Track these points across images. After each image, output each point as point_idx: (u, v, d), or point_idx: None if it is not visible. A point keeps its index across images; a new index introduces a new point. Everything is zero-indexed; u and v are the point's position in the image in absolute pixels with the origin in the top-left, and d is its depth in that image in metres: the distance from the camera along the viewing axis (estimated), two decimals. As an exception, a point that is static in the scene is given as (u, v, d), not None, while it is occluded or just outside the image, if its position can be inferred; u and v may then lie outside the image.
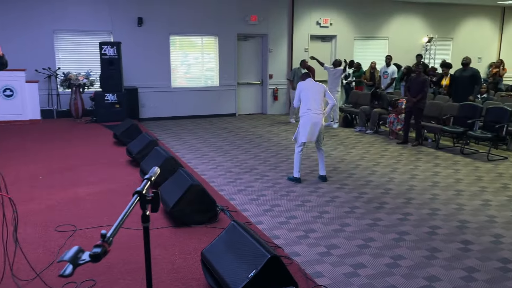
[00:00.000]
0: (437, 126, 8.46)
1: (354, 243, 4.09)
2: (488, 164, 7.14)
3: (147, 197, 1.64)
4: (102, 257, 1.30)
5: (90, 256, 1.29)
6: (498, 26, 15.27)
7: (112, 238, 1.38)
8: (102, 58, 9.94)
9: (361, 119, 10.14)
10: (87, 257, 1.28)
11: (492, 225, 4.58)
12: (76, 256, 1.22)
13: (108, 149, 7.56)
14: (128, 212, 1.51)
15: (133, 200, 1.58)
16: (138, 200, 1.61)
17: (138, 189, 1.64)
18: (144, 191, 1.64)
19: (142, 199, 1.61)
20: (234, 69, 12.01)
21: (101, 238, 1.38)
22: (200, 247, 3.76)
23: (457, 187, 5.88)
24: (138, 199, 1.60)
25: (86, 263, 1.33)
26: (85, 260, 1.28)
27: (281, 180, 6.11)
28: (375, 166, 6.93)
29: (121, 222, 1.45)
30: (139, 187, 1.66)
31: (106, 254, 1.32)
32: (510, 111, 7.54)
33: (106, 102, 10.02)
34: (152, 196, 1.65)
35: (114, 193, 5.25)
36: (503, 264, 3.71)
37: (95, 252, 1.30)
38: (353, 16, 13.06)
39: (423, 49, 14.02)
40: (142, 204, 1.62)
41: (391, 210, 5.00)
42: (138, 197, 1.60)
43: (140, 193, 1.61)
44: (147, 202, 1.64)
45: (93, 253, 1.30)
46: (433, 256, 3.85)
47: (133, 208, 1.57)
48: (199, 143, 8.54)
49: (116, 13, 10.63)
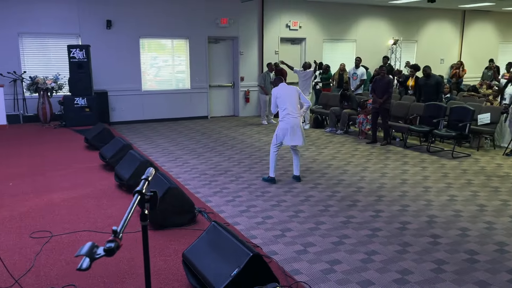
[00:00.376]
0: (404, 126, 8.75)
1: (329, 241, 4.21)
2: (453, 161, 7.46)
3: (146, 196, 1.68)
4: (116, 251, 1.35)
5: (105, 251, 1.34)
6: (459, 29, 15.91)
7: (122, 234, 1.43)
8: (70, 61, 9.76)
9: (331, 120, 10.36)
10: (102, 251, 1.33)
11: (458, 219, 4.81)
12: (92, 251, 1.27)
13: (80, 154, 7.45)
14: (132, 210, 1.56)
15: (135, 199, 1.63)
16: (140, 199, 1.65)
17: (138, 188, 1.69)
18: (144, 190, 1.69)
19: (141, 198, 1.66)
20: (206, 72, 12.03)
21: (113, 234, 1.43)
22: (180, 248, 3.80)
23: (425, 184, 6.13)
24: (139, 198, 1.65)
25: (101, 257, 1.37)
26: (100, 254, 1.32)
27: (256, 181, 6.20)
28: (346, 166, 7.12)
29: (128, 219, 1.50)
30: (138, 187, 1.70)
31: (118, 248, 1.38)
32: (472, 110, 7.89)
33: (76, 106, 9.85)
34: (151, 195, 1.70)
35: (89, 198, 5.20)
36: (469, 256, 3.91)
37: (109, 246, 1.35)
38: (322, 19, 13.33)
39: (389, 51, 14.44)
40: (141, 203, 1.67)
41: (364, 207, 5.17)
42: (139, 196, 1.65)
43: (140, 193, 1.66)
44: (146, 201, 1.68)
45: (108, 248, 1.35)
46: (404, 250, 4.02)
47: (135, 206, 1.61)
48: (172, 146, 8.53)
49: (84, 15, 10.47)
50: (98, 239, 4.03)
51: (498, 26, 16.60)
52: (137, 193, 1.65)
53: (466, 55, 16.04)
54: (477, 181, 6.30)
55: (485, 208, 5.17)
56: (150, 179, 1.74)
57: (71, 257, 3.66)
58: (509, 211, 5.07)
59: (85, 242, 3.94)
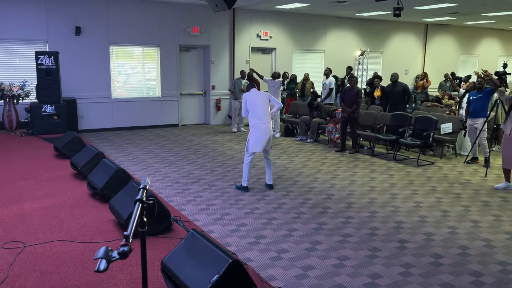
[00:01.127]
0: (372, 135, 9.05)
1: (302, 247, 4.34)
2: (418, 169, 7.77)
3: (146, 204, 1.75)
4: (129, 255, 1.42)
5: (119, 254, 1.41)
6: (422, 41, 16.57)
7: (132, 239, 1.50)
8: (38, 68, 9.58)
9: (301, 129, 10.58)
10: (116, 255, 1.39)
11: (423, 224, 5.04)
12: (108, 254, 1.33)
13: (49, 163, 7.31)
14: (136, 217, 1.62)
15: (137, 207, 1.69)
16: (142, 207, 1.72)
17: (139, 197, 1.75)
18: (144, 198, 1.75)
19: (141, 206, 1.72)
20: (177, 80, 12.04)
21: (124, 239, 1.50)
22: (157, 256, 3.83)
23: (392, 191, 6.37)
24: (141, 205, 1.71)
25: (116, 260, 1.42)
26: (115, 257, 1.39)
27: (230, 189, 6.27)
28: (317, 173, 7.30)
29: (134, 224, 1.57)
30: (138, 196, 1.76)
31: (131, 251, 1.45)
32: (436, 120, 8.26)
33: (44, 114, 9.65)
34: (150, 203, 1.76)
35: (61, 207, 5.13)
36: (435, 259, 4.12)
37: (123, 250, 1.42)
38: (292, 30, 13.60)
39: (357, 61, 14.87)
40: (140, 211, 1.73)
41: (334, 214, 5.33)
42: (140, 204, 1.71)
43: (141, 201, 1.72)
44: (145, 209, 1.74)
45: (121, 251, 1.42)
46: (374, 255, 4.19)
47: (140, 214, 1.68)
48: (143, 155, 8.49)
49: (53, 22, 10.30)
50: (73, 248, 4.01)
51: (459, 39, 17.40)
52: (139, 201, 1.72)
53: (429, 66, 16.71)
54: (441, 188, 6.60)
55: (448, 213, 5.44)
56: (148, 187, 1.80)
57: (46, 267, 3.63)
58: (470, 216, 5.35)
59: (60, 252, 3.92)
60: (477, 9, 11.96)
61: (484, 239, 4.64)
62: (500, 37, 18.48)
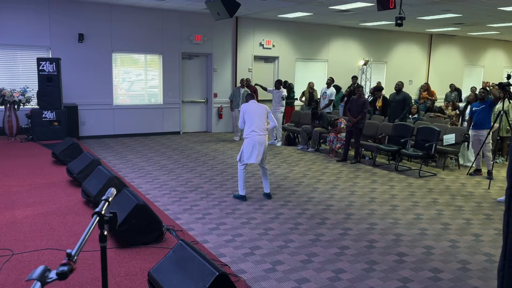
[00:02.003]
0: (374, 145, 8.94)
1: (298, 259, 4.23)
2: (420, 180, 7.64)
3: (105, 217, 1.66)
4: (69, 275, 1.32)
5: (57, 275, 1.31)
6: (427, 52, 16.49)
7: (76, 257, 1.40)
8: (40, 74, 9.57)
9: (303, 138, 10.49)
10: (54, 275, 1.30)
11: (423, 237, 4.92)
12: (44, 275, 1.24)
13: (46, 169, 7.25)
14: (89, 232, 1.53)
15: (93, 221, 1.60)
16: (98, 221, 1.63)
17: (97, 210, 1.66)
18: (103, 211, 1.67)
19: (100, 220, 1.64)
20: (179, 87, 12.01)
21: (67, 257, 1.40)
22: (146, 267, 3.73)
23: (393, 202, 6.25)
24: (98, 219, 1.62)
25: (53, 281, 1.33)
26: (52, 278, 1.29)
27: (227, 198, 6.18)
28: (316, 183, 7.19)
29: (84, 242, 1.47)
30: (97, 208, 1.68)
31: (72, 272, 1.35)
32: (438, 131, 8.15)
33: (44, 120, 9.63)
34: (111, 216, 1.68)
35: (54, 214, 5.06)
36: (433, 274, 4.00)
37: (62, 270, 1.32)
38: (295, 39, 13.57)
39: (360, 71, 14.80)
40: (100, 224, 1.64)
41: (332, 225, 5.22)
42: (97, 218, 1.62)
43: (99, 214, 1.63)
44: (105, 222, 1.66)
45: (60, 272, 1.32)
46: (371, 268, 4.07)
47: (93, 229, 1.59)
48: (142, 162, 8.42)
49: (56, 28, 10.33)
50: (61, 257, 3.92)
51: (463, 49, 17.31)
52: (96, 214, 1.63)
53: (433, 77, 16.61)
54: (442, 200, 6.47)
55: (449, 226, 5.31)
56: (111, 200, 1.72)
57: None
58: (471, 229, 5.22)
59: (47, 261, 3.83)
60: (481, 20, 11.88)
61: (485, 253, 4.50)
62: (505, 48, 18.37)
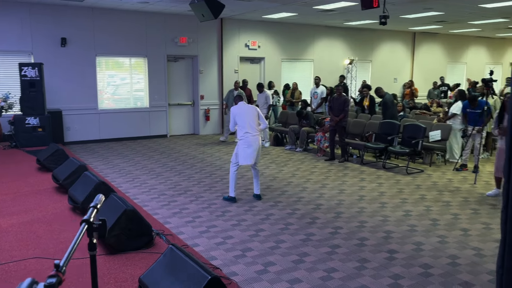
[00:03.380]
0: (361, 143, 8.98)
1: (290, 259, 4.22)
2: (408, 177, 7.70)
3: (94, 225, 1.62)
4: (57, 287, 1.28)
5: (45, 287, 1.26)
6: (411, 50, 16.65)
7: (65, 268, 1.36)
8: (22, 80, 9.41)
9: (290, 138, 10.50)
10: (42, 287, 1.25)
11: (413, 233, 4.95)
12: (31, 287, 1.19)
13: (31, 176, 7.13)
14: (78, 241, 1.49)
15: (82, 229, 1.56)
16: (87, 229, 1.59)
17: (85, 217, 1.62)
18: (91, 219, 1.63)
19: (89, 227, 1.60)
20: (165, 90, 11.93)
21: (55, 268, 1.36)
22: (137, 273, 3.68)
23: (381, 200, 6.28)
24: (86, 227, 1.58)
25: None
26: None
27: (217, 201, 6.14)
28: (305, 183, 7.19)
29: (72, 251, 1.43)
30: (86, 216, 1.64)
31: (60, 284, 1.30)
32: (424, 127, 8.22)
33: (27, 126, 9.47)
34: (100, 224, 1.64)
35: (40, 222, 4.97)
36: (424, 270, 4.02)
37: (50, 282, 1.28)
38: (280, 39, 13.59)
39: (345, 70, 14.88)
40: (88, 232, 1.60)
41: (323, 224, 5.22)
42: (86, 225, 1.58)
43: (87, 221, 1.59)
44: (94, 230, 1.62)
45: (48, 284, 1.27)
46: (363, 266, 4.08)
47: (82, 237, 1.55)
48: (130, 166, 8.34)
49: (38, 33, 10.17)
50: (49, 266, 3.85)
51: (446, 47, 17.52)
52: (84, 222, 1.59)
53: (417, 74, 16.77)
54: (430, 196, 6.52)
55: (438, 222, 5.35)
56: (99, 206, 1.68)
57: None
58: (459, 224, 5.27)
59: (34, 270, 3.75)
60: (463, 17, 12.04)
61: (474, 247, 4.55)
62: (487, 45, 18.64)
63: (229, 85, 12.44)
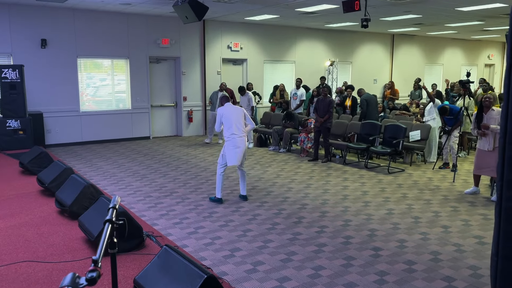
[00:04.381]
0: (343, 144, 9.16)
1: (278, 258, 4.31)
2: (389, 176, 7.90)
3: (116, 224, 1.68)
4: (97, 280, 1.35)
5: (87, 280, 1.34)
6: (389, 51, 17.00)
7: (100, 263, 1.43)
8: (2, 82, 9.27)
9: (274, 139, 10.61)
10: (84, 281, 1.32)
11: (396, 231, 5.11)
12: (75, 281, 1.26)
13: (15, 180, 7.04)
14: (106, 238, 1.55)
15: (107, 228, 1.62)
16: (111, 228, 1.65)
17: (108, 217, 1.68)
18: (113, 218, 1.69)
19: (112, 227, 1.66)
20: (147, 92, 11.90)
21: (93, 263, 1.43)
22: (130, 274, 3.72)
23: (365, 199, 6.44)
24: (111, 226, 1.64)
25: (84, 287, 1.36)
26: (83, 284, 1.31)
27: (203, 202, 6.20)
28: (290, 183, 7.31)
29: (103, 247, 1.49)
30: (108, 216, 1.69)
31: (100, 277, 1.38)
32: (405, 128, 8.44)
33: (8, 129, 9.33)
34: (120, 224, 1.70)
35: (27, 226, 4.94)
36: (408, 266, 4.17)
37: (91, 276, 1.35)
38: (262, 41, 13.70)
39: (326, 71, 15.09)
40: (110, 231, 1.66)
41: (309, 224, 5.34)
42: (110, 225, 1.64)
43: (111, 221, 1.65)
44: (115, 229, 1.68)
45: (90, 277, 1.35)
46: (349, 264, 4.20)
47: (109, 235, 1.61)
48: (114, 169, 8.31)
49: (17, 34, 10.02)
50: (40, 269, 3.85)
51: (424, 49, 17.94)
52: (108, 221, 1.65)
53: (396, 75, 17.13)
54: (411, 194, 6.72)
55: (419, 219, 5.53)
56: (118, 207, 1.73)
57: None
58: (440, 221, 5.46)
59: (25, 274, 3.75)
60: (440, 20, 12.37)
61: (454, 244, 4.73)
62: (463, 47, 19.16)
63: (212, 87, 12.49)
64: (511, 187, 0.98)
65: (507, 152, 1.02)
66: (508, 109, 1.06)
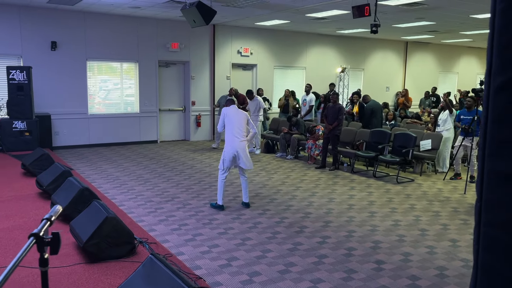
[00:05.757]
0: (352, 151, 8.94)
1: (276, 269, 4.13)
2: (398, 186, 7.65)
3: (45, 239, 1.52)
4: None
5: None
6: (403, 59, 16.72)
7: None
8: (9, 83, 9.28)
9: (281, 145, 10.44)
10: None
11: (401, 244, 4.88)
12: None
13: (15, 181, 6.99)
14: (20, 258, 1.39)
15: (28, 244, 1.46)
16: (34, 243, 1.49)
17: (35, 231, 1.52)
18: (41, 233, 1.52)
19: (39, 242, 1.50)
20: (156, 96, 11.84)
21: None
22: (116, 283, 3.58)
23: (371, 209, 6.22)
24: (34, 242, 1.48)
25: None
26: None
27: (204, 208, 6.05)
28: (295, 191, 7.12)
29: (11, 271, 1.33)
30: (36, 229, 1.54)
31: None
32: (415, 136, 8.20)
33: (14, 130, 9.33)
34: (51, 238, 1.54)
35: (21, 229, 4.84)
36: (411, 281, 3.95)
37: None
38: (273, 46, 13.57)
39: (337, 78, 14.89)
40: (39, 247, 1.50)
41: (311, 233, 5.14)
42: (34, 240, 1.48)
43: (36, 236, 1.49)
44: (45, 245, 1.52)
45: None
46: (350, 277, 4.00)
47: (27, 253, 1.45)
48: (118, 172, 8.22)
49: (27, 36, 10.06)
50: (27, 274, 3.73)
51: (438, 57, 17.62)
52: (32, 236, 1.49)
53: (409, 83, 16.83)
54: (420, 205, 6.47)
55: (426, 232, 5.29)
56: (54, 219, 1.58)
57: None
58: (448, 235, 5.22)
59: (11, 278, 3.63)
60: (454, 27, 12.10)
61: (462, 259, 4.49)
62: (478, 55, 18.78)
63: (221, 92, 12.39)
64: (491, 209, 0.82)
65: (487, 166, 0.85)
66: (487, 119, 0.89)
